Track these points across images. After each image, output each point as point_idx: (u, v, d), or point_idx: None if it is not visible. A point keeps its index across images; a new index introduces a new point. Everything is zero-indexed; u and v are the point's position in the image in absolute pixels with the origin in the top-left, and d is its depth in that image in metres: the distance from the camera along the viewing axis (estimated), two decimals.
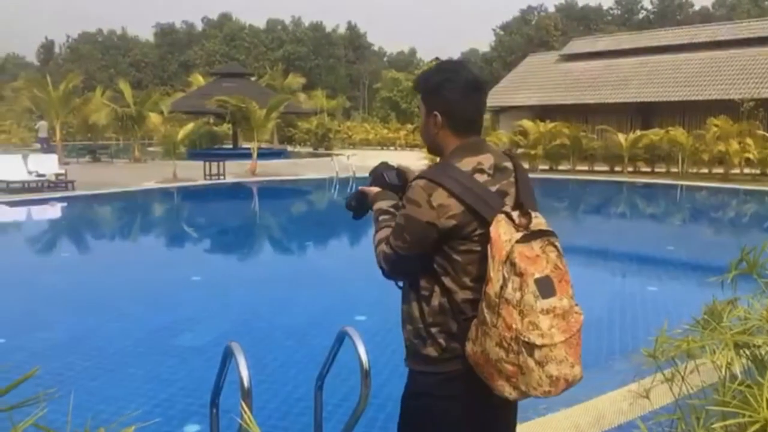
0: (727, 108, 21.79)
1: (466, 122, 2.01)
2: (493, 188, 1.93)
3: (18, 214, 14.50)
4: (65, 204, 15.42)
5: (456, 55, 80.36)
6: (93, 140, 34.32)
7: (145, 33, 70.29)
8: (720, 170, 20.44)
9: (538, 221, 1.86)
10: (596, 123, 26.06)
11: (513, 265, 1.77)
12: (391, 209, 2.07)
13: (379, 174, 2.18)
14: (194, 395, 4.19)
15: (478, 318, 1.84)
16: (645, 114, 26.51)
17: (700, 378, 2.19)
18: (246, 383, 2.22)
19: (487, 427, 1.99)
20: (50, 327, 5.95)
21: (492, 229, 1.83)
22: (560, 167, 23.25)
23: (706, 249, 10.89)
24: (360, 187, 2.20)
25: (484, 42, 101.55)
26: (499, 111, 31.37)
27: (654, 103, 26.00)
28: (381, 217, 2.07)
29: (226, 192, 18.89)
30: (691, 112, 25.07)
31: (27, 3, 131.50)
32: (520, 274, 1.76)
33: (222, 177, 19.26)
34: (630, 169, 21.84)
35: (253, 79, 36.04)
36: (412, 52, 76.84)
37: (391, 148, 38.08)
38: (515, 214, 1.84)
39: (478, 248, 1.87)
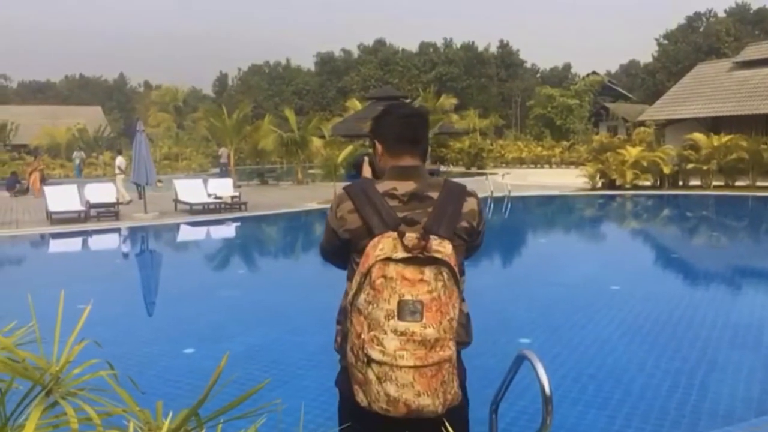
0: None
1: (396, 141, 2.16)
2: (401, 214, 2.00)
3: (199, 233, 15.92)
4: (239, 224, 16.68)
5: (615, 68, 76.90)
6: (261, 164, 36.82)
7: (307, 62, 74.14)
8: None
9: (438, 249, 1.87)
10: None
11: (370, 278, 1.85)
12: None
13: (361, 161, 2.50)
14: None
15: None
16: None
17: None
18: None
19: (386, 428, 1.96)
20: (231, 339, 6.41)
21: (371, 242, 1.91)
22: (737, 183, 21.35)
23: None
24: (364, 159, 2.48)
25: (645, 52, 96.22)
26: (666, 124, 29.47)
27: None
28: None
29: None
30: None
31: (206, 43, 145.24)
32: (375, 290, 1.83)
33: None
34: None
35: (407, 101, 36.90)
36: (567, 67, 74.55)
37: (545, 165, 37.05)
38: (409, 236, 1.87)
39: None
